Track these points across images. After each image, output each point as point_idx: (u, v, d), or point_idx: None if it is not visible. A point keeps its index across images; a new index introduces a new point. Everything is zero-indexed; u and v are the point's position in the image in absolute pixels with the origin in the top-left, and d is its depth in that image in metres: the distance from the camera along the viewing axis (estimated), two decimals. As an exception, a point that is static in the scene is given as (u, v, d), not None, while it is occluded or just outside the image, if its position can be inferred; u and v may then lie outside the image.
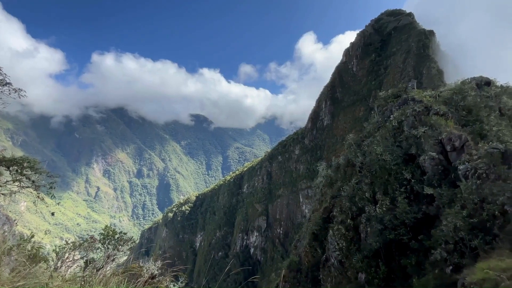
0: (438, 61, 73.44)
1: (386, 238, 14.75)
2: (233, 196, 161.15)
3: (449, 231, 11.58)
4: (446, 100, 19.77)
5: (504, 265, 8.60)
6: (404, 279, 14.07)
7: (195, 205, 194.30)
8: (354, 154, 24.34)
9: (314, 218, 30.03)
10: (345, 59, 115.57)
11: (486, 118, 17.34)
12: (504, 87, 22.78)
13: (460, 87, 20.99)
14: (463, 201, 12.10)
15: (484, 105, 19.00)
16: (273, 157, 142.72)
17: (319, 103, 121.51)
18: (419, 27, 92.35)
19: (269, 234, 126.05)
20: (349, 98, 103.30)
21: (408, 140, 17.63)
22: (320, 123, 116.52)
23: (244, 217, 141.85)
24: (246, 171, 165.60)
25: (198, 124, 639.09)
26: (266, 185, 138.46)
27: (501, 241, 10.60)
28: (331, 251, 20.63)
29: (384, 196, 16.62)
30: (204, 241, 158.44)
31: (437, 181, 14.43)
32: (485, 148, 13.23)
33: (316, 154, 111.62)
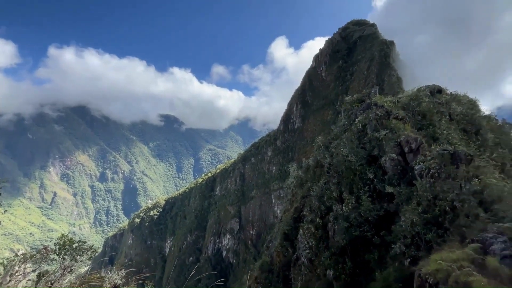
0: (397, 69, 79.68)
1: (351, 235, 15.54)
2: (205, 199, 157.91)
3: (407, 226, 12.55)
4: (404, 106, 21.48)
5: (455, 256, 9.52)
6: (368, 273, 14.92)
7: (165, 210, 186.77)
8: (322, 155, 25.31)
9: (285, 218, 30.58)
10: (315, 65, 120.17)
11: (438, 123, 19.15)
12: (453, 95, 25.38)
13: (416, 94, 22.96)
14: (419, 198, 13.21)
15: (436, 110, 20.99)
16: (246, 159, 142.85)
17: (290, 106, 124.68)
18: (381, 37, 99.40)
19: (242, 236, 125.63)
20: (318, 102, 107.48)
21: (371, 142, 18.81)
22: (292, 125, 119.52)
23: (216, 220, 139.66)
24: (218, 173, 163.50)
25: (168, 124, 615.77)
26: (239, 187, 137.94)
27: (451, 234, 11.73)
28: (301, 250, 21.17)
29: (350, 195, 17.52)
30: (174, 246, 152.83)
31: (397, 180, 15.58)
32: (437, 149, 14.61)
33: (288, 156, 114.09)
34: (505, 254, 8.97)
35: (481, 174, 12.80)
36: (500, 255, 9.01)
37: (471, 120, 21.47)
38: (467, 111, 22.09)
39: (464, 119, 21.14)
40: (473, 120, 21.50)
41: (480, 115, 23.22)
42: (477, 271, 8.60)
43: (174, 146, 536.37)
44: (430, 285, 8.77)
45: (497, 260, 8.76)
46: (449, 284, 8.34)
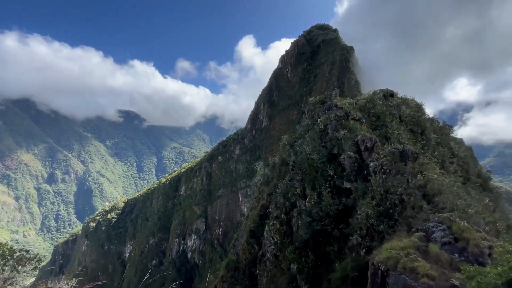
0: (356, 74, 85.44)
1: (314, 229, 16.29)
2: (168, 200, 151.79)
3: (362, 219, 13.56)
4: (361, 108, 23.11)
5: (403, 244, 10.53)
6: (328, 264, 15.79)
7: (124, 212, 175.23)
8: (287, 153, 26.06)
9: (251, 215, 30.85)
10: (281, 65, 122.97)
11: (390, 124, 20.97)
12: (403, 99, 27.98)
13: (372, 97, 24.85)
14: (373, 193, 14.36)
15: (389, 112, 22.97)
16: (213, 157, 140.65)
17: (258, 105, 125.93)
18: (342, 42, 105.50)
19: (208, 236, 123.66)
20: (284, 102, 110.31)
21: (331, 141, 19.90)
22: (259, 124, 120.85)
23: (181, 221, 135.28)
24: (184, 172, 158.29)
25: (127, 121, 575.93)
26: (205, 186, 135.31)
27: (400, 224, 12.96)
28: (267, 246, 21.58)
29: (312, 191, 18.34)
30: (135, 250, 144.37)
31: (354, 177, 16.73)
32: (389, 148, 16.01)
33: (255, 154, 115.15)
34: (444, 241, 10.21)
35: (425, 170, 14.38)
36: (440, 242, 10.23)
37: (417, 122, 23.93)
38: (414, 113, 24.56)
39: (411, 121, 23.47)
40: (419, 122, 23.98)
41: (425, 117, 26.04)
42: (421, 257, 9.66)
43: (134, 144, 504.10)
44: (382, 272, 9.60)
45: (438, 246, 9.93)
46: (398, 270, 9.22)
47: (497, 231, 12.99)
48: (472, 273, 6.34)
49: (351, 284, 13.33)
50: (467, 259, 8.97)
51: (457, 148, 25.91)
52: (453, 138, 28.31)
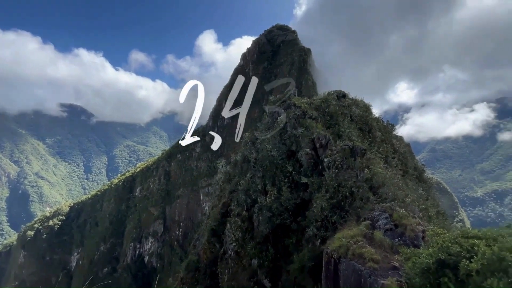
0: (313, 75, 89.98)
1: (274, 224, 16.82)
2: (122, 202, 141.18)
3: (317, 211, 14.44)
4: (317, 107, 24.48)
5: (352, 233, 11.48)
6: (287, 257, 16.48)
7: (69, 217, 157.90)
8: (249, 151, 26.34)
9: (213, 214, 30.49)
10: (243, 63, 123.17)
11: (342, 123, 22.60)
12: (353, 99, 30.34)
13: (326, 97, 26.47)
14: (327, 187, 15.37)
15: (341, 112, 24.73)
16: (172, 156, 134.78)
17: (220, 102, 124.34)
18: (300, 44, 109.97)
19: (167, 238, 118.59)
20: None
21: (290, 138, 20.73)
22: (221, 121, 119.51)
23: (136, 224, 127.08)
24: (139, 172, 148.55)
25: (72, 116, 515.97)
26: (163, 186, 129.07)
27: (350, 215, 14.11)
28: (228, 243, 21.59)
29: (272, 187, 18.89)
30: (84, 258, 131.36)
31: (310, 172, 17.69)
32: (341, 145, 17.28)
33: (217, 152, 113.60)
34: (386, 228, 11.43)
35: (371, 165, 15.88)
36: (383, 229, 11.43)
37: (366, 121, 26.23)
38: (363, 113, 26.86)
39: (360, 120, 25.63)
40: (367, 121, 26.31)
41: (372, 117, 28.67)
42: (368, 243, 10.67)
43: (80, 142, 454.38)
44: (334, 260, 10.37)
45: (381, 233, 11.08)
46: (348, 257, 10.06)
47: (429, 217, 15.04)
48: (409, 254, 7.24)
49: (308, 273, 14.13)
50: (405, 243, 10.19)
51: (398, 145, 29.12)
52: (395, 136, 31.74)
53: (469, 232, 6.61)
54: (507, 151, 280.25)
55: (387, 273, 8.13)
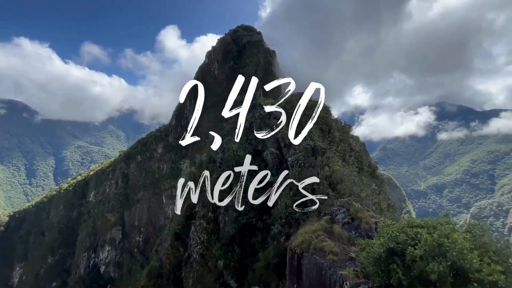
0: (278, 76, 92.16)
1: (240, 223, 16.85)
2: (73, 209, 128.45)
3: (282, 209, 14.86)
4: (282, 108, 25.16)
5: (314, 228, 12.06)
6: (253, 255, 16.65)
7: (9, 228, 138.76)
8: (215, 151, 25.97)
9: (176, 217, 29.41)
10: (208, 61, 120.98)
11: (304, 123, 23.57)
12: (315, 101, 31.87)
13: (290, 99, 27.28)
14: (291, 185, 15.88)
15: (303, 113, 25.80)
16: (131, 157, 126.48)
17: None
18: (265, 45, 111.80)
19: (126, 245, 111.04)
20: (211, 98, 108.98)
21: (256, 138, 20.97)
22: (185, 120, 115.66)
23: (90, 231, 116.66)
24: (93, 175, 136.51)
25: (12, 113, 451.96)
26: (121, 190, 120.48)
27: (312, 211, 14.78)
28: (193, 246, 21.03)
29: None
30: (28, 273, 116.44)
31: (275, 171, 18.12)
32: (303, 144, 18.01)
33: (181, 152, 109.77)
34: (344, 222, 12.23)
35: (331, 163, 16.85)
36: (342, 222, 12.21)
37: (326, 122, 27.73)
38: (323, 115, 28.32)
39: (321, 121, 26.99)
40: (327, 122, 27.83)
41: (331, 118, 30.41)
42: (328, 237, 11.31)
43: (22, 142, 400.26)
44: (297, 255, 10.78)
45: (340, 226, 11.83)
46: (310, 251, 10.53)
47: (381, 210, 16.47)
48: (363, 245, 7.84)
49: (273, 270, 14.45)
50: (361, 234, 11.02)
51: (354, 144, 31.35)
52: (352, 136, 34.14)
53: (414, 222, 7.42)
54: (445, 149, 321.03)
55: (345, 264, 8.71)
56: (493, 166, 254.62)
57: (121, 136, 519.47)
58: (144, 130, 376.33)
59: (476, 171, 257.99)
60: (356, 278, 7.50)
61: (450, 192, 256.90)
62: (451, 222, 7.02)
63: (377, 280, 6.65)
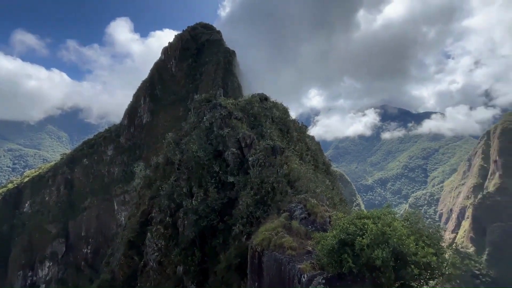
0: (238, 77, 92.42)
1: (200, 226, 16.46)
2: (2, 222, 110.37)
3: (243, 208, 14.97)
4: (242, 108, 25.31)
5: (274, 225, 12.38)
6: (215, 257, 16.41)
7: None
8: (173, 152, 24.90)
9: (130, 224, 27.45)
10: (164, 58, 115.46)
11: (264, 123, 24.08)
12: (274, 102, 32.75)
13: (250, 100, 27.68)
14: (251, 184, 16.11)
15: (263, 114, 26.33)
16: (76, 160, 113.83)
17: (137, 98, 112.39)
18: (225, 45, 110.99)
19: (71, 259, 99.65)
20: (169, 97, 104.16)
21: (217, 138, 20.73)
22: (139, 120, 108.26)
23: (26, 246, 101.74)
24: (28, 182, 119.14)
25: None
26: (64, 198, 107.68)
27: (272, 209, 15.18)
28: (150, 254, 19.86)
29: (199, 189, 18.47)
30: None
31: (236, 171, 18.16)
32: (263, 144, 18.40)
33: (135, 154, 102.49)
34: (301, 217, 12.82)
35: (289, 162, 17.53)
36: (299, 218, 12.78)
37: (284, 122, 28.75)
38: (282, 115, 29.33)
39: (280, 121, 27.92)
40: (285, 122, 28.87)
41: (289, 119, 31.66)
42: (287, 233, 11.73)
43: None
44: (258, 253, 10.95)
45: (298, 222, 12.37)
46: (271, 248, 10.80)
47: (334, 204, 17.69)
48: (319, 238, 8.34)
49: (235, 271, 14.44)
50: (316, 228, 11.69)
51: (310, 143, 33.11)
52: (308, 136, 36.01)
53: (362, 214, 8.14)
54: (387, 147, 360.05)
55: (303, 258, 9.15)
56: (425, 161, 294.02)
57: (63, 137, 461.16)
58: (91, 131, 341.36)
59: (413, 166, 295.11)
60: (312, 270, 7.93)
61: (392, 185, 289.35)
62: (392, 212, 7.88)
63: (331, 270, 7.13)
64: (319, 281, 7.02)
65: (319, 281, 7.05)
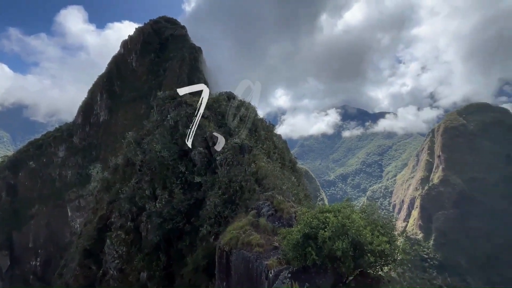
0: (205, 74, 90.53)
1: (165, 229, 15.82)
2: None
3: (211, 208, 14.75)
4: (209, 106, 24.83)
5: (242, 223, 12.40)
6: (181, 260, 15.91)
7: None
8: (134, 152, 23.51)
9: (87, 231, 25.35)
10: (124, 51, 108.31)
11: (231, 122, 23.95)
12: (242, 101, 32.70)
13: (218, 98, 27.31)
14: (219, 184, 15.94)
15: (231, 112, 26.17)
16: (20, 163, 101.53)
17: (93, 95, 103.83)
18: (191, 41, 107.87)
19: (17, 273, 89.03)
20: (129, 93, 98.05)
21: (182, 137, 20.06)
22: (95, 118, 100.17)
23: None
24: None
25: None
26: (6, 205, 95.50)
27: (240, 207, 15.20)
28: (109, 262, 18.54)
29: (163, 191, 17.71)
30: None
31: (204, 171, 17.80)
32: (231, 143, 18.30)
33: (91, 155, 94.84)
34: (269, 214, 13.05)
35: (257, 160, 17.70)
36: (267, 215, 12.99)
37: (253, 121, 28.89)
38: (250, 114, 29.44)
39: (248, 120, 28.00)
40: (253, 122, 29.03)
41: (257, 118, 31.93)
42: (255, 230, 11.84)
43: None
44: (226, 253, 10.89)
45: (265, 219, 12.57)
46: (238, 247, 10.81)
47: (299, 199, 18.34)
48: (285, 234, 8.58)
49: (203, 272, 14.17)
50: (283, 224, 12.00)
51: (277, 142, 33.83)
52: (275, 134, 36.74)
53: (324, 208, 8.58)
54: (348, 145, 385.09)
55: (270, 254, 9.33)
56: (381, 157, 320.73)
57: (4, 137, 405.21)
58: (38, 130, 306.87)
59: (370, 161, 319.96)
60: (279, 266, 8.13)
61: (352, 180, 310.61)
62: (351, 205, 8.44)
63: (296, 264, 7.39)
64: (285, 275, 7.23)
65: (285, 275, 7.26)
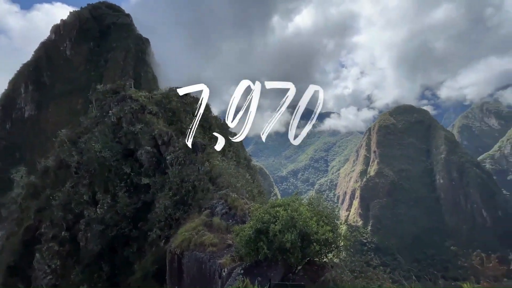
0: (153, 68, 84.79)
1: (108, 237, 14.41)
2: None
3: (161, 211, 13.97)
4: (158, 102, 23.38)
5: (194, 224, 12.05)
6: (128, 268, 14.72)
7: None
8: (68, 153, 20.73)
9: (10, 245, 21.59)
10: (55, 37, 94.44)
11: (184, 119, 23.01)
12: (195, 98, 31.61)
13: (168, 93, 25.87)
14: (170, 184, 15.19)
15: (183, 109, 25.10)
16: None
17: (15, 86, 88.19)
18: (137, 31, 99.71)
19: None
20: (62, 85, 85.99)
21: (127, 136, 18.47)
22: (19, 113, 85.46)
23: None
24: None
25: None
26: None
27: (193, 208, 14.75)
28: (40, 279, 16.09)
29: (105, 195, 16.07)
30: None
31: (152, 171, 16.72)
32: (183, 142, 17.57)
33: (13, 157, 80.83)
34: (223, 212, 12.98)
35: (211, 158, 17.38)
36: (220, 213, 12.89)
37: (206, 119, 28.21)
38: (204, 112, 28.71)
39: (202, 118, 27.23)
40: (207, 119, 28.38)
41: (211, 115, 31.32)
42: (208, 230, 11.64)
43: None
44: (178, 256, 10.47)
45: (219, 218, 12.46)
46: (191, 248, 10.49)
47: (253, 196, 18.68)
48: (238, 231, 8.63)
49: (153, 278, 13.37)
50: (237, 222, 12.08)
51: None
52: (230, 132, 36.62)
53: (275, 203, 8.91)
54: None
55: (223, 253, 9.30)
56: (327, 153, 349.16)
57: None
58: None
59: (317, 157, 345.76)
60: (233, 263, 8.17)
61: (302, 175, 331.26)
62: (299, 198, 8.95)
63: (248, 259, 7.53)
64: (238, 272, 7.31)
65: (238, 272, 7.34)
